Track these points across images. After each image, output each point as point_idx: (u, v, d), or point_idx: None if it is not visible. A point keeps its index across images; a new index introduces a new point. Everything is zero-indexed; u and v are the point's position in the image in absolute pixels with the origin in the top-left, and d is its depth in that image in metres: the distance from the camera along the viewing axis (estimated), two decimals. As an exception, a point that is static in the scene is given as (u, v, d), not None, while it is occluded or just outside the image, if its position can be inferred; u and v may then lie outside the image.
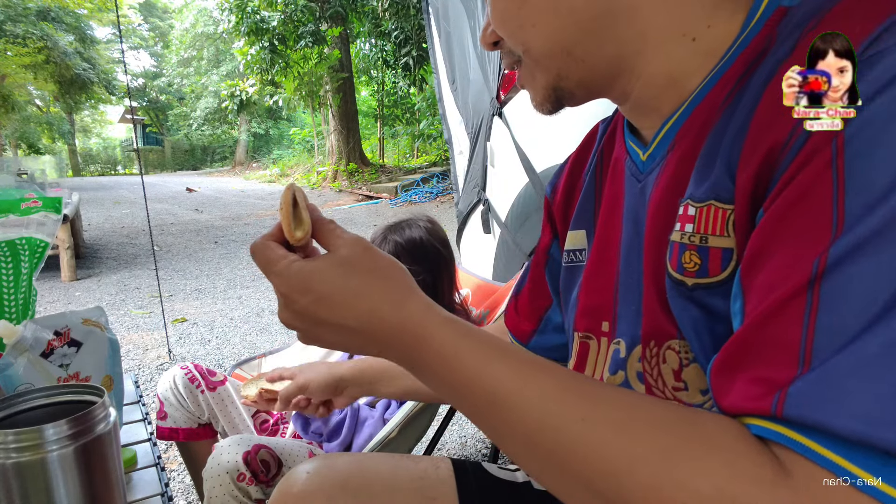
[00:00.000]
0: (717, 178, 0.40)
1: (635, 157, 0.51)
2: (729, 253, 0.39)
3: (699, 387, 0.44)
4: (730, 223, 0.39)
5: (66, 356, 0.78)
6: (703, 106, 0.44)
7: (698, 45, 0.43)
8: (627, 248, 0.51)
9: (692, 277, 0.41)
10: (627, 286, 0.50)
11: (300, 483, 0.58)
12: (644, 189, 0.49)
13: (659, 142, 0.48)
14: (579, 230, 0.59)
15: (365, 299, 0.42)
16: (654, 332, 0.46)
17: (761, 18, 0.41)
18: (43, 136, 23.49)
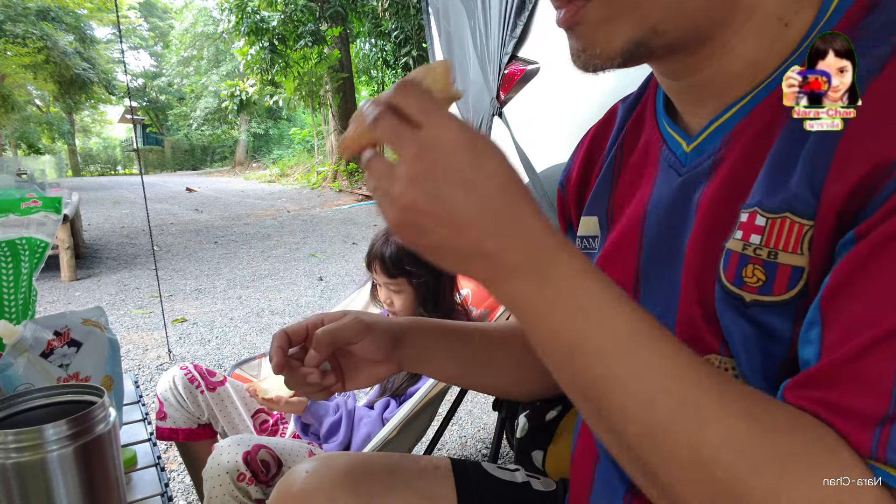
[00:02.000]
0: (795, 188, 0.36)
1: (675, 147, 0.47)
2: (799, 272, 0.36)
3: None
4: (805, 241, 0.35)
5: (66, 356, 0.78)
6: (770, 101, 0.40)
7: (787, 32, 0.39)
8: (653, 246, 0.47)
9: (752, 293, 0.37)
10: (650, 287, 0.47)
11: (299, 482, 0.58)
12: (687, 185, 0.44)
13: (710, 134, 0.43)
14: (592, 216, 0.55)
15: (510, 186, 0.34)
16: (692, 342, 0.42)
17: (838, 9, 0.38)
18: (43, 136, 23.49)
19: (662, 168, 0.47)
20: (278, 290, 3.93)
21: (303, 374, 0.56)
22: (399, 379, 1.28)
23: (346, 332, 0.58)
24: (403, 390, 1.27)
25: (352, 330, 0.58)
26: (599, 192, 0.55)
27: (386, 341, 0.60)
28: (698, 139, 0.44)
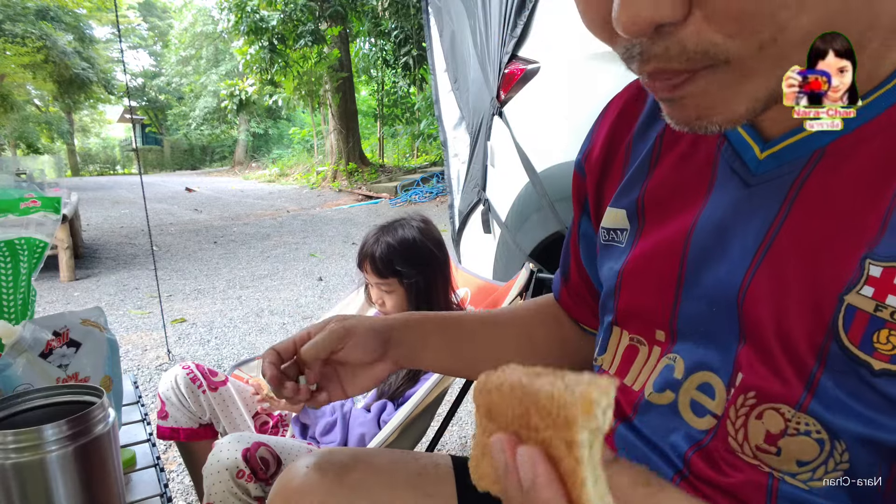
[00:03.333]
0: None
1: (742, 149, 0.40)
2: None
3: (798, 458, 0.37)
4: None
5: (65, 356, 0.78)
6: (885, 121, 0.34)
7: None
8: (701, 256, 0.42)
9: (884, 362, 0.32)
10: (693, 301, 0.43)
11: (299, 477, 0.58)
12: (756, 197, 0.38)
13: (796, 143, 0.37)
14: (620, 209, 0.50)
15: None
16: (760, 387, 0.38)
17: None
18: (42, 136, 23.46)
19: (722, 171, 0.41)
20: (278, 290, 3.92)
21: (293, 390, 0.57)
22: (396, 381, 1.27)
23: (327, 342, 0.57)
24: (401, 393, 1.27)
25: (332, 338, 0.57)
26: (631, 184, 0.49)
27: (373, 341, 0.59)
28: (777, 146, 0.38)
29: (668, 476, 0.43)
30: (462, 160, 2.54)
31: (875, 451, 0.34)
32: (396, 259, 1.29)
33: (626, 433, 0.48)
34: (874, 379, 0.33)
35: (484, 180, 2.31)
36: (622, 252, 0.50)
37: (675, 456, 0.43)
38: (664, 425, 0.44)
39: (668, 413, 0.44)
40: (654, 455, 0.45)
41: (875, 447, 0.34)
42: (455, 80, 2.49)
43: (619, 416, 0.49)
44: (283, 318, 3.31)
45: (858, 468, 0.35)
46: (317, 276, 4.30)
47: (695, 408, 0.42)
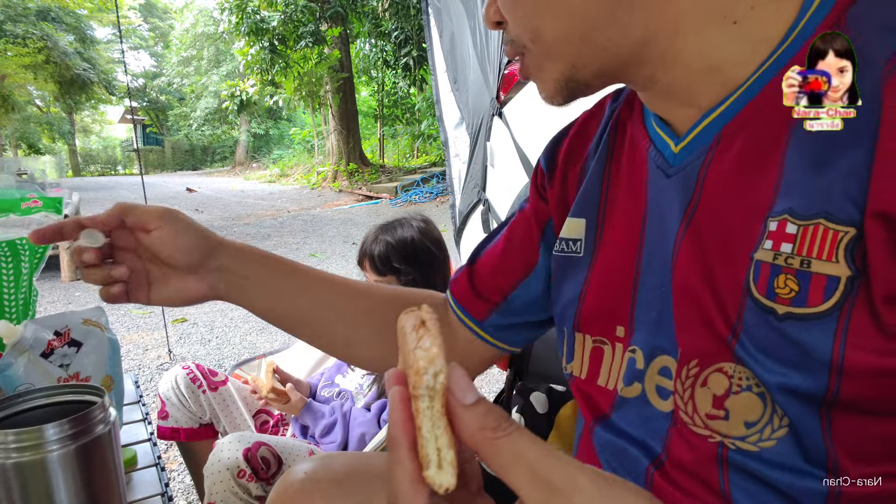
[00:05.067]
0: (826, 194, 0.34)
1: (662, 147, 0.45)
2: (835, 282, 0.34)
3: (745, 418, 0.39)
4: (841, 248, 0.34)
5: (67, 356, 0.78)
6: (761, 102, 0.39)
7: (741, 29, 0.39)
8: (651, 249, 0.46)
9: (785, 305, 0.36)
10: (647, 290, 0.46)
11: (298, 482, 0.58)
12: (677, 185, 0.43)
13: (698, 135, 0.42)
14: (579, 219, 0.53)
15: None
16: (698, 351, 0.41)
17: (824, 4, 0.37)
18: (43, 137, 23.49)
19: (652, 169, 0.46)
20: (278, 290, 3.93)
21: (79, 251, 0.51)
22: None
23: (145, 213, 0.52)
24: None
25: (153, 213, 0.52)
26: (588, 195, 0.53)
27: (194, 243, 0.54)
28: (686, 139, 0.43)
29: (644, 465, 0.45)
30: (463, 160, 2.54)
31: (797, 400, 0.36)
32: (395, 257, 1.29)
33: (603, 432, 0.49)
34: (780, 324, 0.36)
35: (484, 180, 2.31)
36: (581, 261, 0.52)
37: (655, 443, 0.45)
38: (639, 416, 0.46)
39: (640, 404, 0.46)
40: (633, 447, 0.46)
41: (794, 395, 0.36)
42: (455, 81, 2.50)
43: (598, 416, 0.50)
44: (283, 318, 3.31)
45: (797, 423, 0.37)
46: (317, 277, 4.30)
47: (660, 392, 0.44)
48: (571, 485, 0.24)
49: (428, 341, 0.26)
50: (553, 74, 0.43)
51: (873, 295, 0.33)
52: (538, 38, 0.42)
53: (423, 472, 0.25)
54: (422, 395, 0.26)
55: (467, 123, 2.41)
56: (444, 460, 0.25)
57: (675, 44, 0.40)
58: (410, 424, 0.26)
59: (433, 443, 0.25)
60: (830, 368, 0.34)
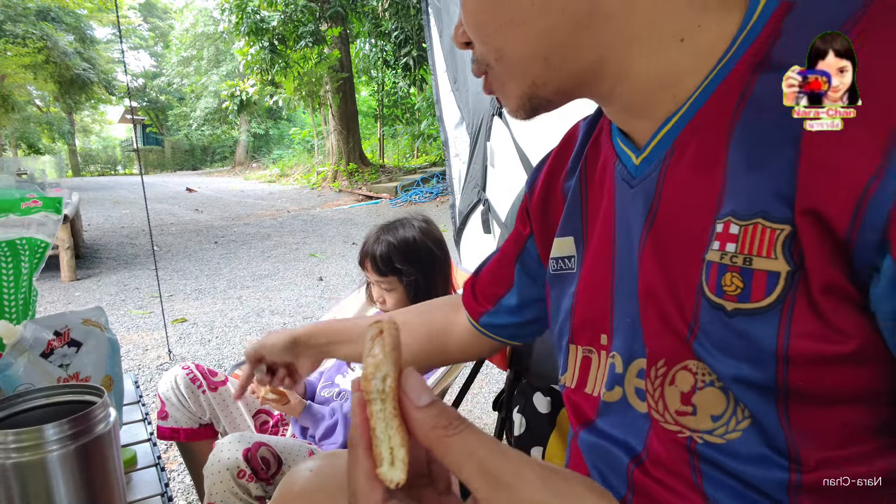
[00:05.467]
0: (762, 195, 0.37)
1: (626, 161, 0.48)
2: (775, 277, 0.36)
3: (711, 412, 0.41)
4: (778, 244, 0.36)
5: (66, 356, 0.78)
6: (707, 111, 0.41)
7: (689, 46, 0.41)
8: (622, 258, 0.48)
9: (733, 302, 0.38)
10: (621, 297, 0.48)
11: (302, 481, 0.58)
12: (639, 195, 0.46)
13: (655, 146, 0.45)
14: (567, 237, 0.56)
15: None
16: (663, 351, 0.43)
17: (762, 16, 0.39)
18: (43, 136, 23.48)
19: (618, 182, 0.49)
20: (278, 290, 3.93)
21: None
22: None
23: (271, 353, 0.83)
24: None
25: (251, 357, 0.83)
26: (571, 213, 0.56)
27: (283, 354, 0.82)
28: (645, 151, 0.46)
29: (625, 463, 0.47)
30: (463, 160, 2.54)
31: (752, 392, 0.38)
32: (396, 257, 1.29)
33: (587, 437, 0.52)
34: (730, 320, 0.38)
35: (484, 180, 2.31)
36: (574, 276, 0.55)
37: (636, 443, 0.47)
38: (622, 419, 0.48)
39: (622, 407, 0.48)
40: (615, 447, 0.48)
41: (749, 387, 0.38)
42: (455, 81, 2.50)
43: (583, 422, 0.52)
44: (283, 317, 3.31)
45: (757, 414, 0.39)
46: (317, 276, 4.30)
47: (639, 394, 0.46)
48: (518, 478, 0.26)
49: (377, 349, 0.28)
50: (516, 92, 0.46)
51: (811, 287, 0.35)
52: (502, 58, 0.44)
53: (377, 470, 0.27)
54: (373, 398, 0.28)
55: (467, 123, 2.41)
56: (396, 458, 0.27)
57: (628, 62, 0.42)
58: (366, 427, 0.28)
59: (386, 442, 0.27)
60: (777, 359, 0.36)
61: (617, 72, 0.43)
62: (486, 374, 2.52)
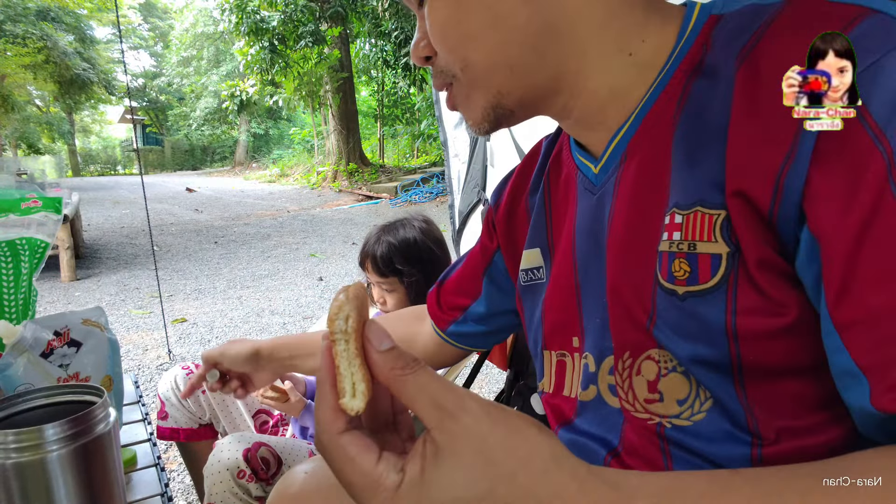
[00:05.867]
0: (699, 186, 0.40)
1: (586, 172, 0.51)
2: (718, 259, 0.39)
3: (676, 396, 0.43)
4: (717, 228, 0.39)
5: (66, 356, 0.78)
6: (652, 118, 0.44)
7: (635, 59, 0.45)
8: (585, 261, 0.51)
9: (683, 286, 0.41)
10: (589, 299, 0.50)
11: (298, 483, 0.59)
12: (601, 201, 0.49)
13: (610, 154, 0.48)
14: (534, 249, 0.59)
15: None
16: (628, 343, 0.46)
17: (695, 29, 0.43)
18: (43, 136, 23.48)
19: (581, 192, 0.52)
20: (278, 290, 3.93)
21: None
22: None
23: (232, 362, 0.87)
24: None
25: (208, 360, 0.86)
26: (537, 225, 0.58)
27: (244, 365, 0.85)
28: (602, 160, 0.49)
29: (601, 455, 0.49)
30: (462, 160, 2.55)
31: (709, 371, 0.40)
32: (397, 258, 1.29)
33: (566, 434, 0.53)
34: (682, 303, 0.41)
35: (484, 180, 2.31)
36: (543, 286, 0.57)
37: (612, 437, 0.49)
38: (597, 416, 0.50)
39: (597, 405, 0.50)
40: (592, 442, 0.50)
41: (705, 366, 0.40)
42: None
43: (562, 422, 0.54)
44: (283, 317, 3.31)
45: (716, 393, 0.41)
46: (317, 276, 4.30)
47: (612, 390, 0.48)
48: (461, 407, 0.29)
49: (342, 295, 0.31)
50: (480, 102, 0.47)
51: (749, 264, 0.38)
52: (467, 67, 0.46)
53: (339, 401, 0.30)
54: (337, 339, 0.31)
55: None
56: (356, 390, 0.30)
57: (582, 75, 0.45)
58: (332, 367, 0.31)
59: (349, 378, 0.30)
60: (727, 336, 0.39)
61: (572, 86, 0.46)
62: (486, 374, 2.52)
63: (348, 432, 0.30)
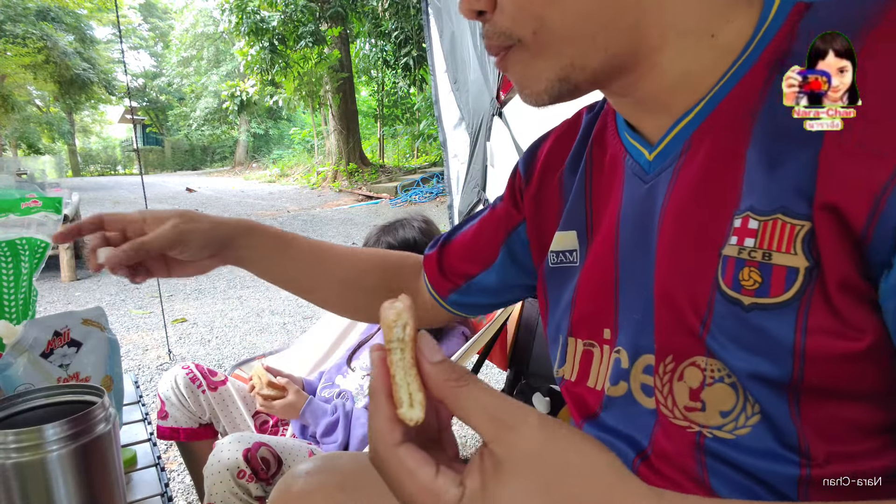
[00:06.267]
0: (781, 191, 0.37)
1: (638, 157, 0.48)
2: (794, 273, 0.36)
3: (720, 408, 0.41)
4: (798, 240, 0.36)
5: (66, 356, 0.78)
6: (726, 108, 0.41)
7: (716, 42, 0.41)
8: (628, 253, 0.48)
9: (750, 296, 0.38)
10: (628, 293, 0.48)
11: (299, 483, 0.58)
12: (653, 192, 0.45)
13: (670, 142, 0.44)
14: (570, 231, 0.55)
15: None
16: (673, 347, 0.43)
17: (779, 15, 0.39)
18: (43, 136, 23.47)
19: (628, 177, 0.48)
20: (278, 291, 3.92)
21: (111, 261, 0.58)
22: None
23: (156, 244, 0.59)
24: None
25: (163, 241, 0.59)
26: (576, 207, 0.55)
27: (208, 245, 0.63)
28: (659, 147, 0.45)
29: (630, 458, 0.47)
30: (461, 161, 2.55)
31: (766, 387, 0.38)
32: None
33: (591, 430, 0.51)
34: (746, 315, 0.38)
35: (484, 180, 2.31)
36: (577, 269, 0.54)
37: (641, 437, 0.47)
38: (626, 414, 0.48)
39: (626, 402, 0.48)
40: (619, 441, 0.48)
41: (762, 381, 0.38)
42: (455, 81, 2.50)
43: (586, 415, 0.52)
44: (283, 318, 3.31)
45: (768, 409, 0.39)
46: (317, 277, 4.30)
47: (645, 390, 0.46)
48: (520, 419, 0.28)
49: (398, 303, 0.31)
50: (547, 73, 0.42)
51: (828, 283, 0.35)
52: (541, 30, 0.40)
53: (397, 411, 0.30)
54: (394, 347, 0.30)
55: (467, 123, 2.41)
56: (414, 400, 0.30)
57: (658, 53, 0.41)
58: (387, 377, 0.30)
59: (405, 388, 0.30)
60: (794, 354, 0.36)
61: (647, 63, 0.42)
62: (486, 374, 2.52)
63: (405, 444, 0.30)
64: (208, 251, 0.64)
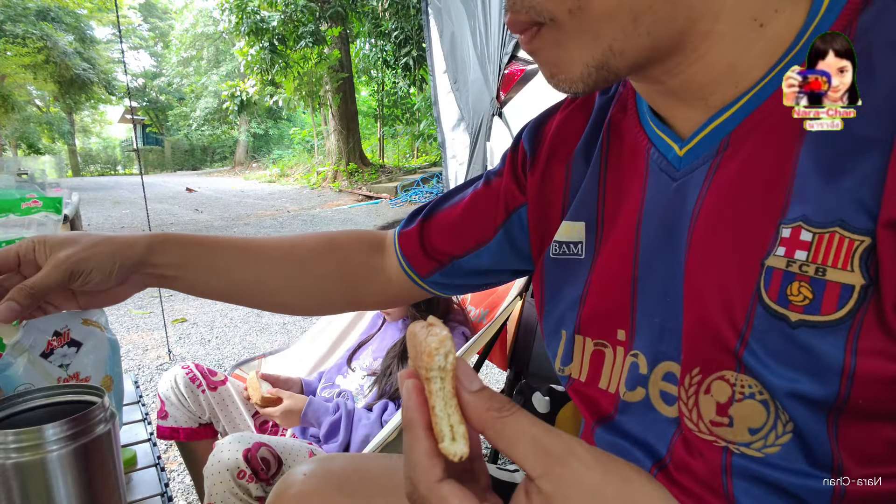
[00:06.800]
0: (840, 203, 0.34)
1: (665, 151, 0.44)
2: (849, 290, 0.34)
3: (749, 424, 0.39)
4: (856, 256, 0.34)
5: (66, 356, 0.78)
6: (772, 105, 0.38)
7: (765, 32, 0.37)
8: (650, 253, 0.45)
9: (798, 313, 0.35)
10: (648, 296, 0.45)
11: (297, 484, 0.58)
12: (683, 191, 0.42)
13: (705, 137, 0.41)
14: (578, 222, 0.52)
15: None
16: (702, 358, 0.41)
17: (832, 8, 0.36)
18: (43, 136, 23.47)
19: (653, 172, 0.45)
20: (278, 291, 3.92)
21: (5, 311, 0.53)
22: (397, 381, 1.28)
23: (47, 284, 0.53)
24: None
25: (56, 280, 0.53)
26: (587, 197, 0.51)
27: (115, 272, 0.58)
28: (692, 142, 0.42)
29: (647, 466, 0.45)
30: (460, 161, 2.55)
31: (804, 406, 0.36)
32: None
33: (605, 434, 0.49)
34: (792, 331, 0.36)
35: (484, 181, 2.31)
36: (583, 263, 0.51)
37: (660, 446, 0.45)
38: (644, 420, 0.46)
39: (644, 408, 0.46)
40: (636, 448, 0.46)
41: (802, 401, 0.36)
42: (455, 81, 2.50)
43: (600, 419, 0.50)
44: (283, 317, 3.31)
45: (802, 427, 0.37)
46: (317, 277, 4.30)
47: (665, 398, 0.44)
48: (569, 452, 0.27)
49: (438, 330, 0.30)
50: (583, 57, 0.38)
51: (884, 303, 0.33)
52: (581, 10, 0.36)
53: (439, 445, 0.28)
54: (434, 376, 0.29)
55: (467, 123, 2.41)
56: (456, 433, 0.28)
57: (706, 41, 0.38)
58: (425, 407, 0.29)
59: (446, 420, 0.28)
60: (842, 375, 0.34)
61: (691, 51, 0.38)
62: (486, 373, 2.52)
63: (447, 481, 0.28)
64: (116, 278, 0.58)
